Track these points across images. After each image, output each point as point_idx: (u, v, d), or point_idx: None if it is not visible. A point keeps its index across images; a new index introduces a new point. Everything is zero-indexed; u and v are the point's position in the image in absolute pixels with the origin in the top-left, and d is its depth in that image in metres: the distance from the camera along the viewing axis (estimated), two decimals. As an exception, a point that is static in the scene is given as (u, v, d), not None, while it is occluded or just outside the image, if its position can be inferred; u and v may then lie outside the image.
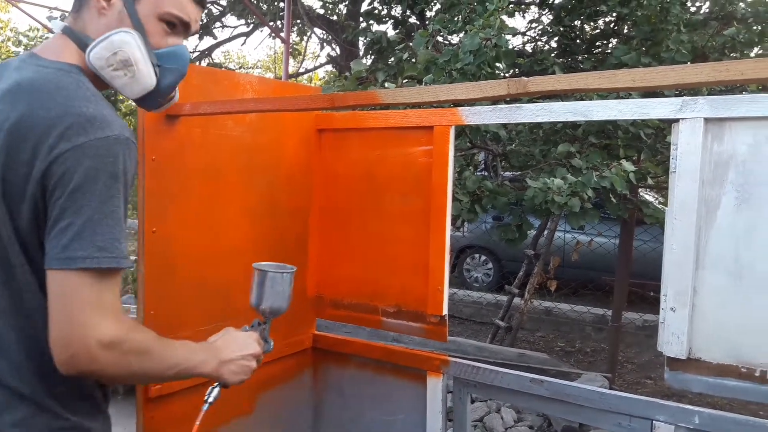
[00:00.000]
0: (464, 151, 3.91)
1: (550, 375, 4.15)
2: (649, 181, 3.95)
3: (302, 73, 12.91)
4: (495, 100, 2.30)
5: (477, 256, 8.86)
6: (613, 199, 3.43)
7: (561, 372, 4.24)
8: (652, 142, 4.06)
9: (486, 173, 4.31)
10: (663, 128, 4.13)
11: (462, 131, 3.61)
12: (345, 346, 2.20)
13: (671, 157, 1.67)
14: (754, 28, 4.88)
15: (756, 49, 4.99)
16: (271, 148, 2.06)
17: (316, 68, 12.95)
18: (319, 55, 14.14)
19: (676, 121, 1.64)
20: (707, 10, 5.21)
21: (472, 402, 4.07)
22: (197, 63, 8.59)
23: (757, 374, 1.53)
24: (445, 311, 1.98)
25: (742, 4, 4.95)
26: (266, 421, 2.08)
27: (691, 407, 1.60)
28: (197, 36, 8.82)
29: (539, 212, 3.14)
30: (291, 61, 9.90)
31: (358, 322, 2.17)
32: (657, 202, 5.82)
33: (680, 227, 1.61)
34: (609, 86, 1.13)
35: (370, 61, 6.44)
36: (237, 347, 1.40)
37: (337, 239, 2.21)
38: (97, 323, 1.06)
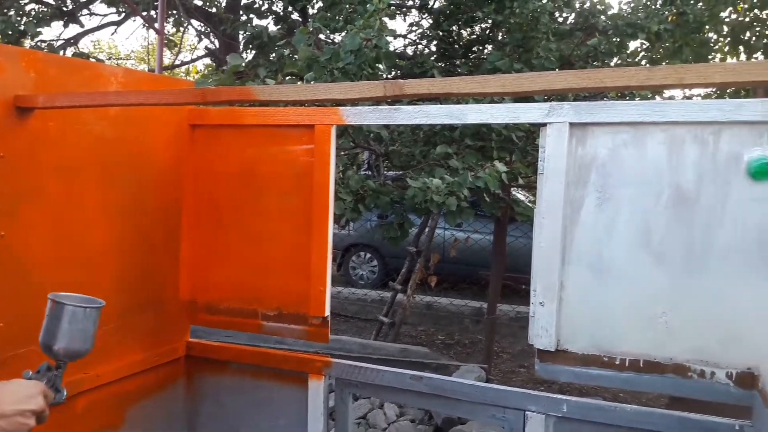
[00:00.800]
0: (347, 151, 3.91)
1: (431, 368, 4.26)
2: (520, 181, 4.16)
3: (178, 66, 12.31)
4: (375, 101, 2.31)
5: (362, 254, 8.94)
6: (487, 198, 3.58)
7: (441, 365, 4.37)
8: (523, 145, 4.28)
9: (369, 173, 4.34)
10: (533, 131, 4.37)
11: (345, 131, 3.61)
12: (221, 352, 2.11)
13: (539, 160, 1.75)
14: (614, 39, 5.31)
15: (615, 59, 5.43)
16: (138, 144, 1.93)
17: (193, 61, 12.39)
18: (197, 47, 13.57)
19: (544, 125, 1.72)
20: (573, 21, 5.59)
21: (356, 400, 4.09)
22: (61, 52, 7.91)
23: (617, 362, 1.64)
24: (327, 312, 1.95)
25: (603, 17, 5.35)
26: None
27: (559, 396, 1.70)
28: (62, 23, 8.13)
29: (419, 211, 3.20)
30: (166, 52, 9.41)
31: (235, 328, 2.09)
32: (527, 200, 6.17)
33: (548, 226, 1.70)
34: (481, 90, 1.15)
35: (251, 56, 6.28)
36: (13, 400, 1.14)
37: (213, 240, 2.11)
38: None
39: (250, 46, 5.77)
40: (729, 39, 7.39)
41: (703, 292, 1.56)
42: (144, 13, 7.07)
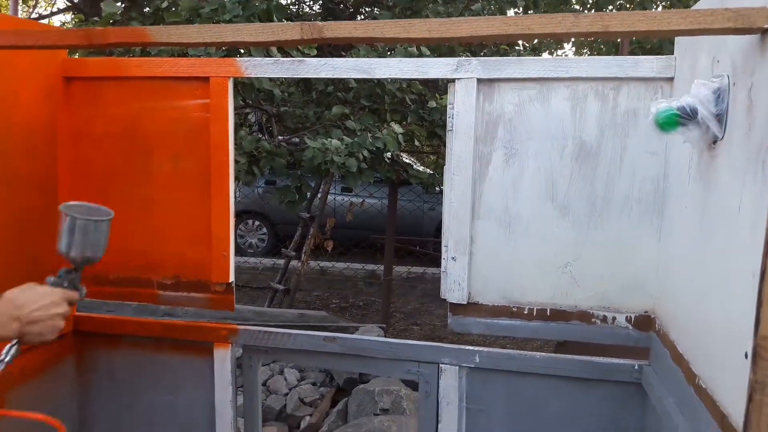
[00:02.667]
0: (238, 110, 3.72)
1: (331, 331, 4.25)
2: (415, 143, 4.18)
3: (36, 20, 11.13)
4: (290, 46, 2.17)
5: (250, 221, 8.69)
6: (386, 158, 3.56)
7: (340, 327, 4.37)
8: (416, 108, 4.30)
9: (260, 135, 4.17)
10: (425, 94, 4.40)
11: (234, 88, 3.42)
12: (114, 326, 1.94)
13: (448, 116, 1.74)
14: (495, 4, 5.43)
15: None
16: (0, 101, 1.69)
17: (53, 14, 11.21)
18: (55, 2, 12.30)
19: (453, 81, 1.71)
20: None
21: (255, 369, 3.99)
22: None
23: (525, 312, 1.69)
24: (231, 278, 1.85)
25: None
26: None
27: (471, 348, 1.72)
28: None
29: (318, 172, 3.12)
30: (21, 5, 8.46)
31: (128, 299, 1.93)
32: (417, 165, 6.27)
33: (458, 182, 1.70)
34: (405, 36, 1.10)
35: (122, 8, 5.77)
36: (44, 306, 1.27)
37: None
38: None
39: (122, -3, 5.31)
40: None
41: (604, 243, 1.64)
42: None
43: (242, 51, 3.30)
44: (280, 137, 3.75)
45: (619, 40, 5.01)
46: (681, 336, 1.38)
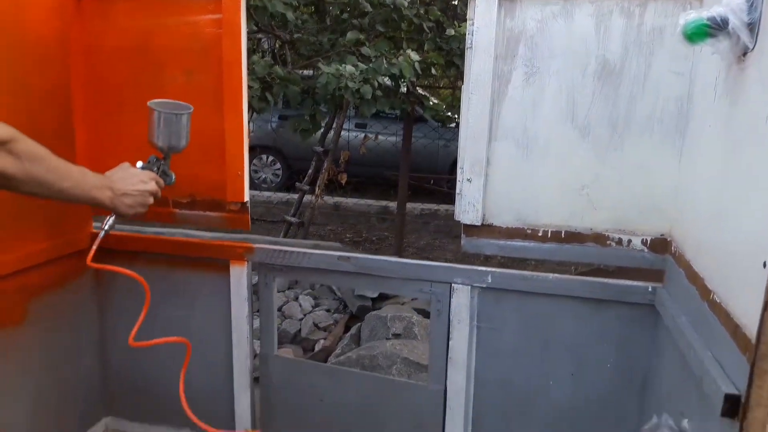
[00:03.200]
0: (250, 35, 3.64)
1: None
2: (432, 72, 4.08)
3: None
4: None
5: (264, 157, 8.68)
6: (402, 87, 3.49)
7: (353, 259, 4.41)
8: (433, 36, 4.18)
9: (273, 62, 4.09)
10: (443, 22, 4.27)
11: (247, 13, 3.33)
12: (132, 243, 1.97)
13: (467, 33, 1.68)
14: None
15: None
16: (13, 18, 1.66)
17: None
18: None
19: (473, -5, 1.65)
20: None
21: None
22: None
23: (540, 234, 1.69)
24: (246, 197, 1.86)
25: None
26: (43, 329, 1.81)
27: (484, 268, 1.73)
28: None
29: (332, 100, 3.07)
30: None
31: (144, 217, 1.94)
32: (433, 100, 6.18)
33: (476, 101, 1.66)
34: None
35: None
36: (134, 182, 1.46)
37: (110, 125, 1.92)
38: None
39: None
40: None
41: (623, 165, 1.61)
42: None
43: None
44: (294, 66, 3.69)
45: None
46: (697, 256, 1.37)
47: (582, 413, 1.72)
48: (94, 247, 1.53)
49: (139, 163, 1.56)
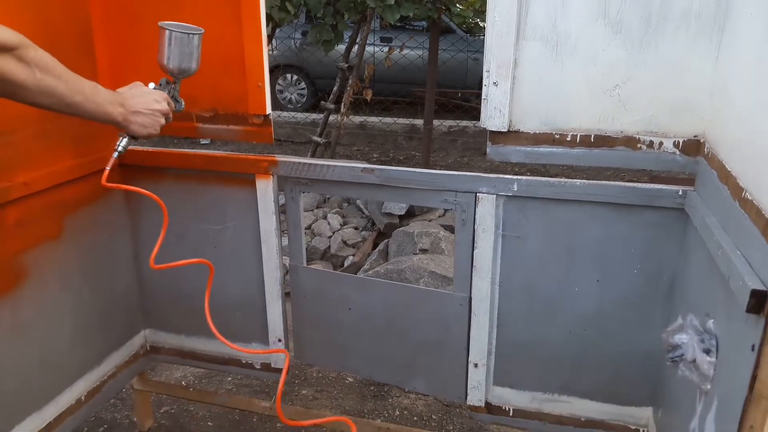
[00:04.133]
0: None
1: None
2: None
3: None
4: None
5: (288, 76, 8.56)
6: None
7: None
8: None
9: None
10: None
11: None
12: (159, 158, 1.99)
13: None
14: None
15: None
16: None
17: None
18: None
19: None
20: None
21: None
22: None
23: (568, 139, 1.64)
24: (268, 110, 1.84)
25: None
26: (80, 243, 1.87)
27: (510, 176, 1.71)
28: None
29: (355, 8, 2.97)
30: None
31: (169, 132, 1.95)
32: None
33: (502, -1, 1.58)
34: None
35: None
36: (147, 101, 1.45)
37: (128, 36, 1.89)
38: None
39: None
40: None
41: (657, 63, 1.54)
42: None
43: None
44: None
45: None
46: (731, 155, 1.32)
47: (607, 318, 1.74)
48: (108, 168, 1.52)
49: (151, 84, 1.54)
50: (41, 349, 1.77)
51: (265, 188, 1.90)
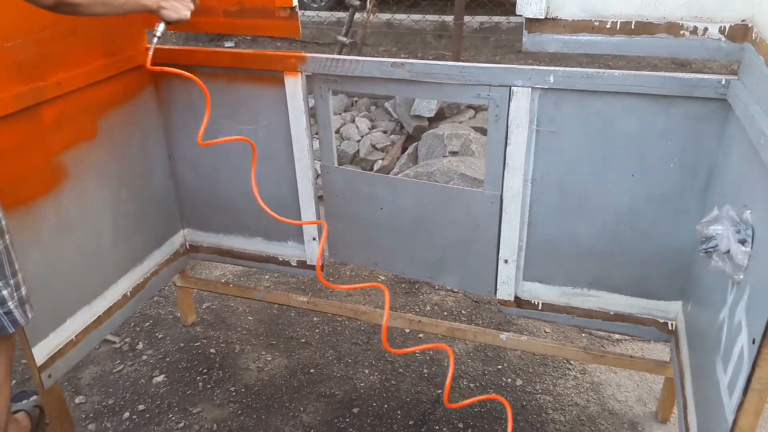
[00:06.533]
0: None
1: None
2: None
3: None
4: None
5: (311, -28, 8.20)
6: None
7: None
8: None
9: None
10: None
11: None
12: (187, 56, 1.97)
13: None
14: None
15: None
16: None
17: None
18: None
19: None
20: None
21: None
22: None
23: (608, 26, 1.57)
24: (295, 2, 1.78)
25: None
26: (115, 143, 1.90)
27: (545, 68, 1.65)
28: None
29: None
30: None
31: (196, 29, 1.92)
32: None
33: None
34: None
35: None
36: None
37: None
38: None
39: None
40: None
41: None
42: None
43: None
44: None
45: None
46: (783, 38, 1.25)
47: (641, 212, 1.73)
48: (151, 52, 1.67)
49: None
50: (86, 247, 1.85)
51: (294, 86, 1.88)
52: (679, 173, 1.65)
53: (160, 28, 1.66)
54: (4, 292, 1.33)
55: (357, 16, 5.32)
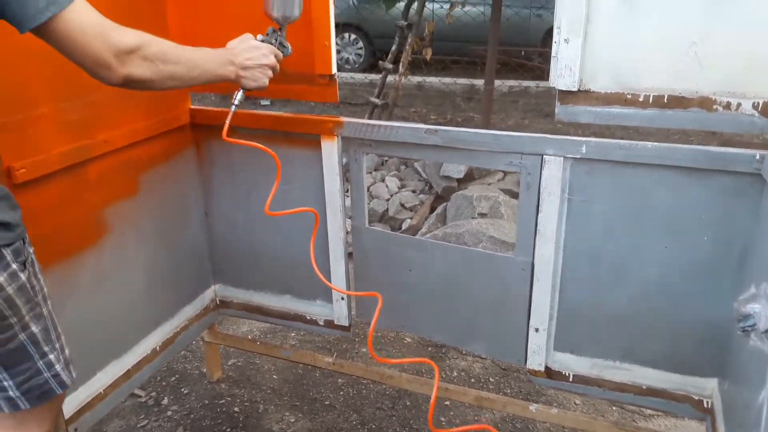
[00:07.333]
0: None
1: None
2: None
3: None
4: None
5: (346, 35, 8.52)
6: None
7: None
8: None
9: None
10: None
11: None
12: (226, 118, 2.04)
13: None
14: None
15: None
16: None
17: None
18: None
19: None
20: None
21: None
22: None
23: (640, 99, 1.59)
24: (334, 70, 1.85)
25: None
26: (154, 200, 1.96)
27: (578, 138, 1.67)
28: None
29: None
30: None
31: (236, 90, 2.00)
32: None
33: (576, -49, 1.53)
34: None
35: None
36: (256, 56, 1.51)
37: (201, 2, 1.93)
38: (116, 37, 1.16)
39: None
40: None
41: (738, 17, 1.46)
42: None
43: None
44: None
45: None
46: (819, 117, 1.26)
47: (674, 285, 1.70)
48: (228, 122, 1.59)
49: (259, 36, 1.58)
50: (120, 301, 1.88)
51: (330, 149, 1.93)
52: (713, 246, 1.63)
53: (239, 96, 1.60)
54: (51, 356, 1.35)
55: (389, 78, 5.48)
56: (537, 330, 1.89)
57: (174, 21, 1.95)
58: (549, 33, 6.87)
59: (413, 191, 4.22)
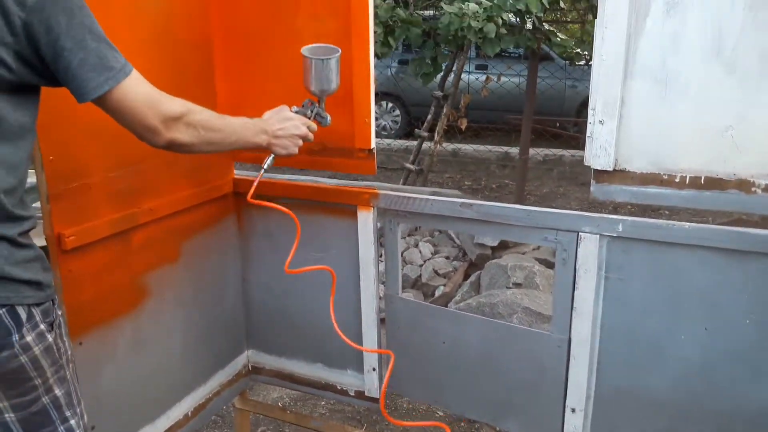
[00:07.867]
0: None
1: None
2: (560, 4, 3.88)
3: None
4: None
5: (384, 103, 8.76)
6: (527, 23, 3.35)
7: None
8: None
9: (395, 4, 4.08)
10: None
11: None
12: (269, 188, 2.10)
13: (600, -37, 1.58)
14: None
15: None
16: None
17: None
18: None
19: None
20: None
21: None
22: None
23: (677, 180, 1.59)
24: (373, 144, 1.91)
25: None
26: (194, 267, 2.01)
27: (614, 216, 1.67)
28: None
29: (454, 41, 3.02)
30: None
31: (280, 163, 2.06)
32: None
33: (610, 36, 1.57)
34: None
35: None
36: (287, 127, 1.62)
37: (246, 73, 2.03)
38: (166, 104, 1.27)
39: None
40: None
41: (775, 102, 1.47)
42: None
43: None
44: (415, 8, 3.64)
45: None
46: None
47: (716, 368, 1.65)
48: (255, 184, 1.71)
49: (294, 107, 1.69)
50: (156, 365, 1.91)
51: (366, 219, 1.97)
52: (755, 330, 1.58)
53: (269, 161, 1.70)
54: (72, 422, 1.34)
55: (425, 145, 5.58)
56: (573, 410, 1.83)
57: (222, 94, 2.05)
58: (584, 104, 6.98)
59: (447, 257, 4.21)
